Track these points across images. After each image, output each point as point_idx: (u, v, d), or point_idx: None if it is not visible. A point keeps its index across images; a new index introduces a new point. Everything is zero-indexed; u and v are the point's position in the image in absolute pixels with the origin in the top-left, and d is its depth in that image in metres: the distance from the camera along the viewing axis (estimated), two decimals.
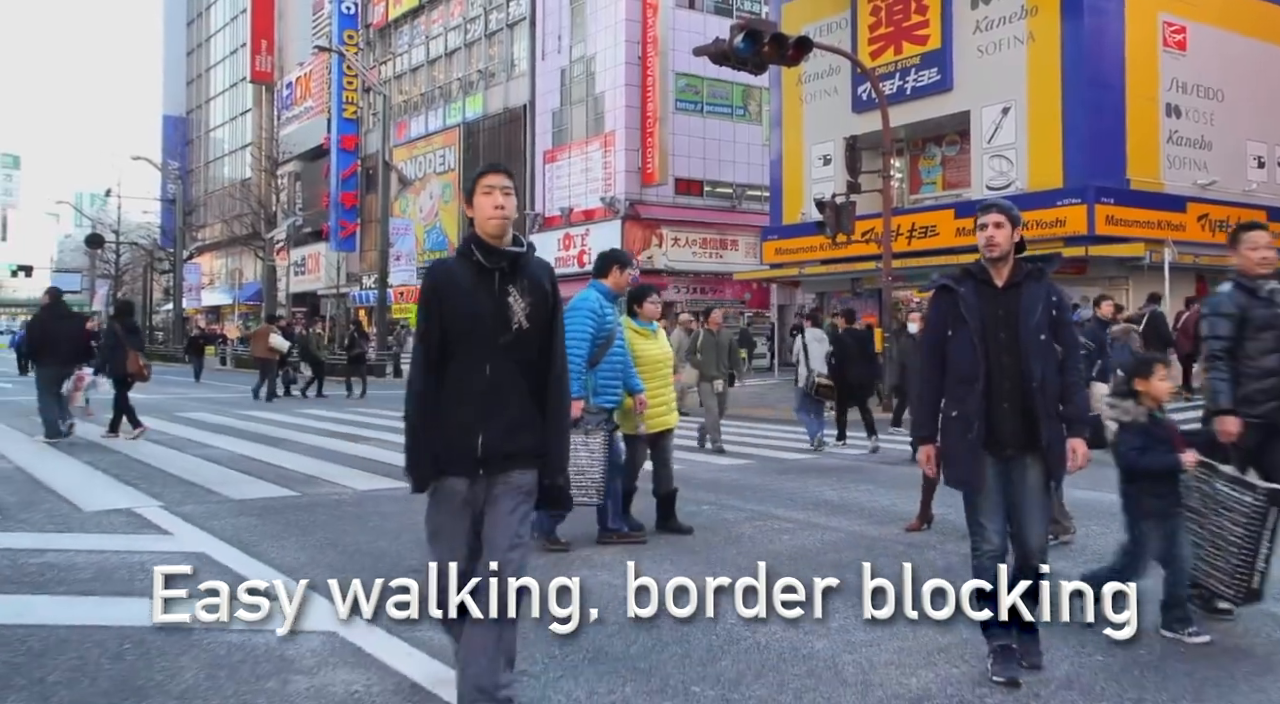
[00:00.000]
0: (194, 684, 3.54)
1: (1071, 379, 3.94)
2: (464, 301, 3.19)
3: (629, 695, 3.56)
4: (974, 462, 3.88)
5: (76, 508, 7.06)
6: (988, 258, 3.92)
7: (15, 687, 3.48)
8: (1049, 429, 3.83)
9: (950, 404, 3.96)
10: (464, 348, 3.20)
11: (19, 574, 5.11)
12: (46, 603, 4.58)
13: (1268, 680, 3.85)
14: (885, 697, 3.58)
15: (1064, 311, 3.99)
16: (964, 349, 3.88)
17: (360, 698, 3.49)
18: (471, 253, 3.21)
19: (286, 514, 6.99)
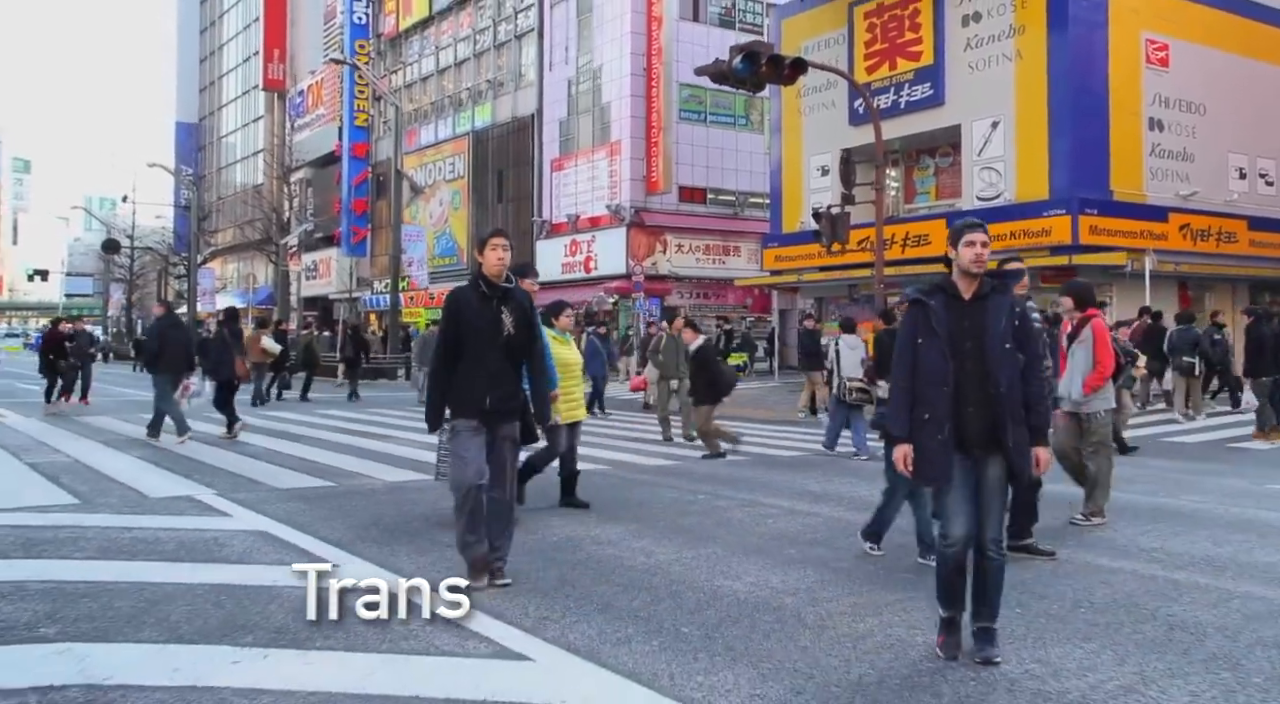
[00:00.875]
0: (284, 623, 4.42)
1: (1035, 389, 4.20)
2: (473, 317, 5.15)
3: (631, 635, 4.41)
4: (945, 460, 4.15)
5: (144, 495, 7.96)
6: (973, 273, 4.15)
7: (147, 624, 4.37)
8: (1013, 432, 4.10)
9: (922, 408, 4.20)
10: (473, 345, 5.13)
11: (114, 546, 6.00)
12: (145, 567, 5.46)
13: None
14: (836, 636, 4.43)
15: (1026, 323, 4.29)
16: (934, 357, 4.15)
17: (415, 633, 4.35)
18: (479, 285, 5.20)
19: (328, 500, 7.87)
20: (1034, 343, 4.33)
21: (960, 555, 4.18)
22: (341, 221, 45.95)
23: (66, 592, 4.88)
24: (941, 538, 4.26)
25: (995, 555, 4.18)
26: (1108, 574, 5.66)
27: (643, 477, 9.64)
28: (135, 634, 4.25)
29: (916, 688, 3.81)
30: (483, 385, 5.11)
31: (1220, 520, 7.30)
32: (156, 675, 3.75)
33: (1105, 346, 7.11)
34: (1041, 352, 4.59)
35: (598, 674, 3.91)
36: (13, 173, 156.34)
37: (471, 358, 5.13)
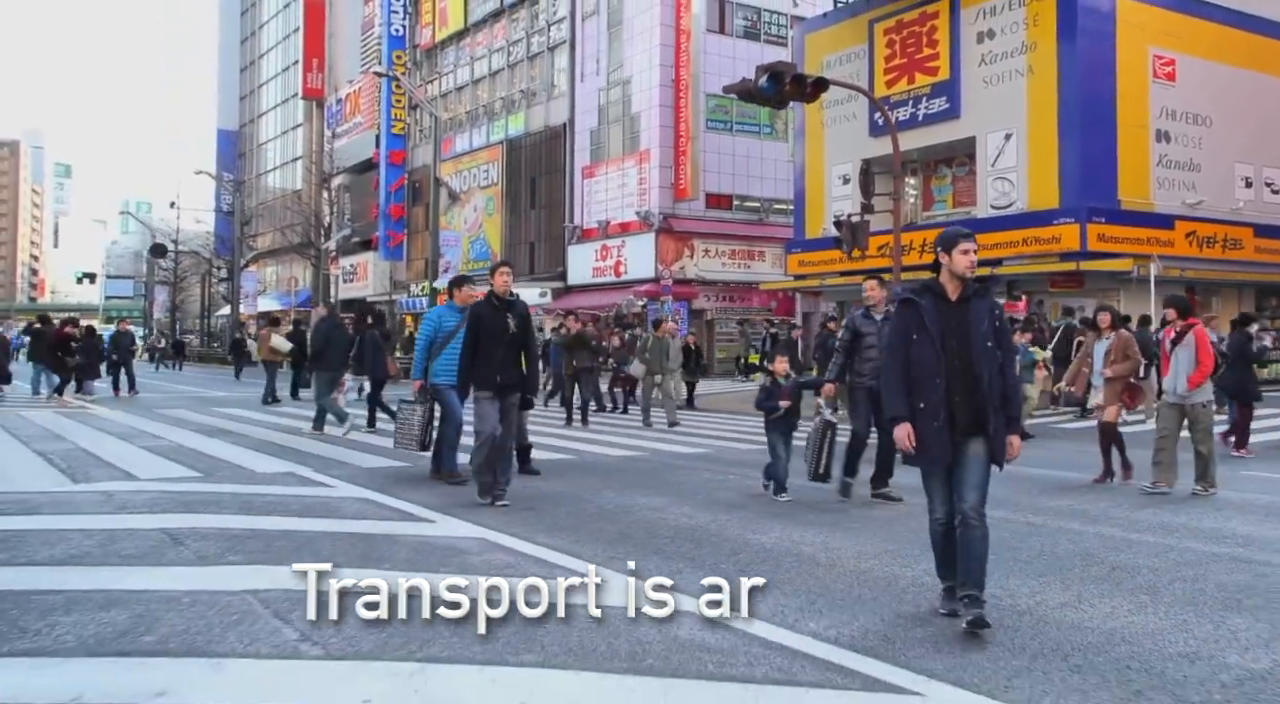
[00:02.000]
0: (407, 557, 5.68)
1: (1010, 381, 4.66)
2: (488, 322, 7.59)
3: (680, 568, 5.60)
4: (942, 445, 4.56)
5: (253, 471, 9.28)
6: (967, 277, 4.61)
7: (309, 556, 5.66)
8: (994, 419, 4.54)
9: (917, 397, 4.61)
10: (489, 342, 7.54)
11: (252, 506, 7.29)
12: (283, 520, 6.74)
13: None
14: (842, 571, 5.62)
15: (1004, 323, 4.74)
16: (927, 352, 4.57)
17: (502, 564, 5.59)
18: (492, 300, 7.75)
19: (407, 476, 9.14)
20: (1009, 341, 4.83)
21: (946, 528, 4.69)
22: (379, 226, 47.51)
23: (233, 535, 6.18)
24: (931, 516, 4.77)
25: (977, 523, 4.57)
26: (1074, 534, 6.82)
27: (681, 462, 10.86)
28: (306, 559, 5.53)
29: (902, 602, 4.99)
30: (495, 368, 7.56)
31: (1183, 497, 8.43)
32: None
33: (1206, 349, 8.49)
34: (1015, 349, 5.17)
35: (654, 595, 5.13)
36: (54, 177, 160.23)
37: (487, 350, 7.55)
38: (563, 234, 37.40)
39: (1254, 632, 4.50)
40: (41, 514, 6.86)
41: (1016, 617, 4.72)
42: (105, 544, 5.86)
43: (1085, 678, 3.84)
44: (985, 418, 4.52)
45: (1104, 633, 4.45)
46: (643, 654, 4.04)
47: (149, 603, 4.59)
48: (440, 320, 8.84)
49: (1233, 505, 8.10)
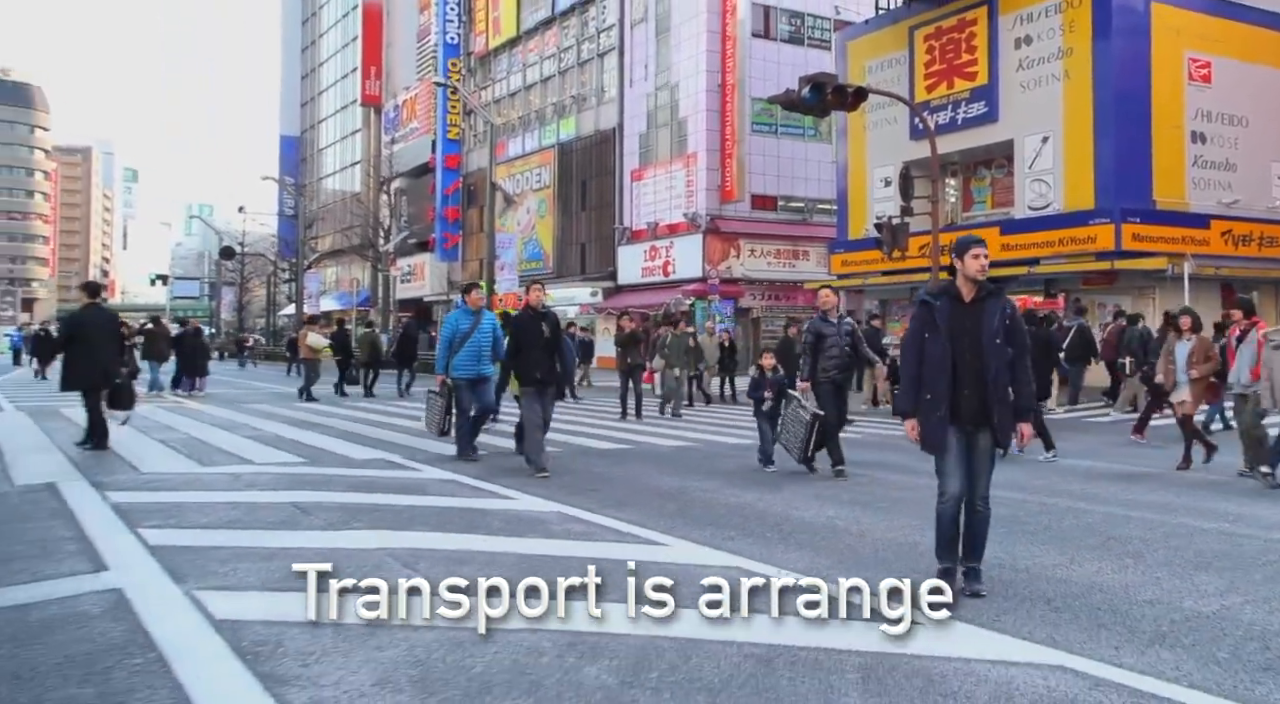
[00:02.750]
0: (501, 526, 6.74)
1: (1020, 375, 5.02)
2: (529, 330, 9.22)
3: (733, 535, 6.58)
4: (942, 433, 4.99)
5: (351, 458, 10.46)
6: (978, 280, 5.01)
7: (421, 525, 6.76)
8: (999, 411, 4.94)
9: (926, 389, 5.05)
10: (529, 346, 9.18)
11: (357, 487, 8.43)
12: (388, 498, 7.85)
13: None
14: (869, 540, 6.56)
15: (1017, 321, 5.05)
16: (936, 349, 4.99)
17: (538, 515, 6.63)
18: (531, 310, 9.40)
19: (487, 462, 10.24)
20: (1022, 338, 5.11)
21: (954, 510, 5.06)
22: (435, 228, 49.05)
23: (350, 508, 7.31)
24: (939, 495, 5.12)
25: (983, 509, 5.09)
26: (1081, 513, 7.70)
27: (729, 451, 11.86)
28: (419, 527, 6.65)
29: (918, 562, 5.92)
30: (534, 367, 9.18)
31: (1188, 480, 9.25)
32: (441, 543, 6.13)
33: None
34: (1028, 346, 5.28)
35: (715, 555, 6.13)
36: (123, 182, 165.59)
37: (527, 352, 9.21)
38: (613, 235, 38.50)
39: (1213, 585, 5.39)
40: (187, 490, 8.08)
41: (1014, 573, 5.64)
42: (248, 514, 7.03)
43: (1060, 615, 4.78)
44: (991, 410, 4.93)
45: (1086, 585, 5.37)
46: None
47: (299, 557, 5.70)
48: (457, 323, 10.15)
49: (1233, 488, 8.92)
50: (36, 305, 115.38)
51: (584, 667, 3.86)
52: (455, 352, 10.03)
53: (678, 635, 4.08)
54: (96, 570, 5.35)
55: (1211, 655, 4.15)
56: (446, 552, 5.86)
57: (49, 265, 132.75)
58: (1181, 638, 4.41)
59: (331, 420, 14.84)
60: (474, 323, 10.06)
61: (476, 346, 10.03)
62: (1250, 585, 5.37)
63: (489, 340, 10.12)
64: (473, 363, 10.04)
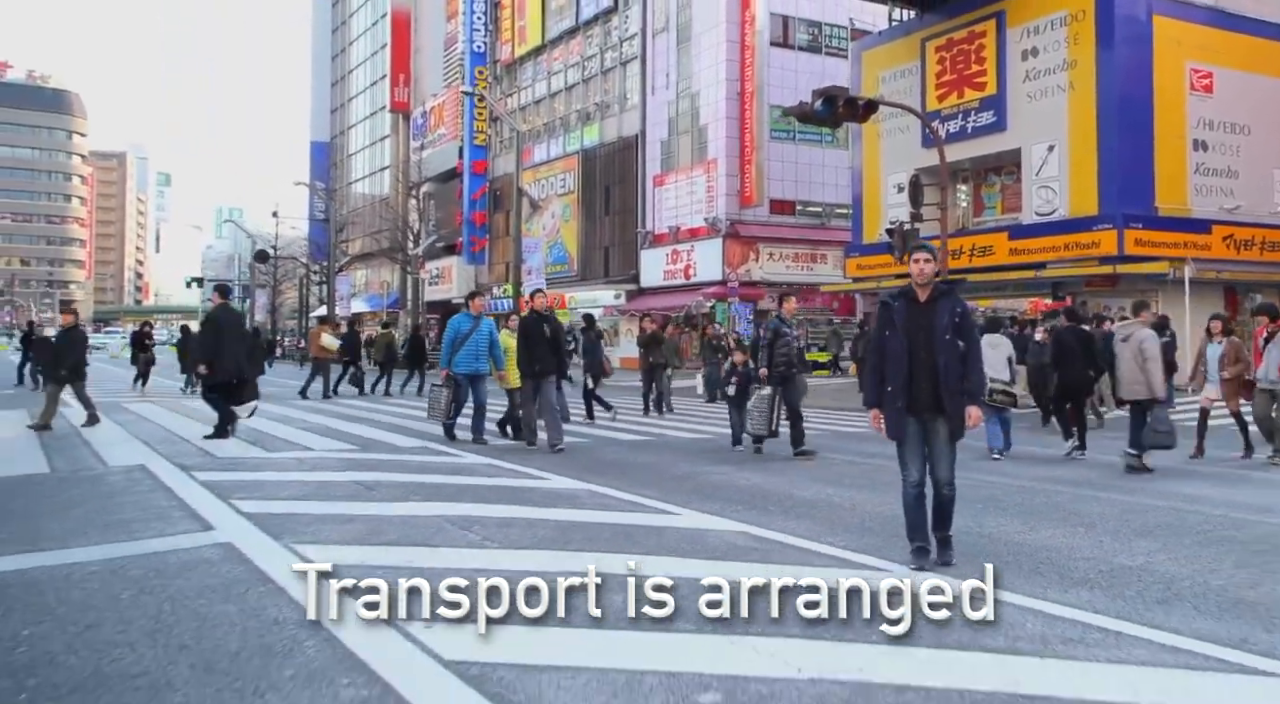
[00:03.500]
0: (540, 499, 7.79)
1: (971, 366, 5.50)
2: (534, 332, 11.18)
3: (740, 510, 7.58)
4: (902, 422, 5.49)
5: (397, 445, 11.57)
6: (917, 283, 5.51)
7: (470, 497, 7.82)
8: (951, 400, 5.40)
9: (886, 382, 5.55)
10: (533, 344, 11.13)
11: (408, 469, 9.50)
12: (436, 478, 8.91)
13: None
14: (859, 513, 7.54)
15: (966, 318, 5.53)
16: (894, 345, 5.50)
17: (571, 492, 7.65)
18: (535, 315, 11.48)
19: (513, 449, 11.31)
20: (971, 333, 5.58)
21: (915, 494, 5.55)
22: (462, 232, 50.32)
23: (406, 485, 8.38)
24: (903, 483, 5.62)
25: (947, 492, 5.58)
26: (1052, 493, 8.64)
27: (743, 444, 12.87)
28: (468, 500, 7.71)
29: (899, 532, 6.89)
30: (535, 361, 11.01)
31: (1174, 470, 10.17)
32: (488, 512, 7.18)
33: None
34: (978, 339, 5.82)
35: (721, 522, 7.14)
36: (156, 186, 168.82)
37: (533, 349, 11.06)
38: (635, 239, 39.56)
39: (1147, 547, 6.34)
40: (261, 471, 9.19)
41: (978, 538, 6.60)
42: (319, 489, 8.12)
43: (1007, 565, 5.72)
44: (942, 398, 5.41)
45: (1036, 547, 6.33)
46: (731, 550, 6.09)
47: (372, 522, 6.77)
48: (458, 326, 11.68)
49: (1196, 474, 9.84)
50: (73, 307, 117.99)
51: None
52: (457, 350, 11.53)
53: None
54: (206, 529, 6.44)
55: (1120, 593, 5.12)
56: (494, 518, 6.91)
57: (85, 268, 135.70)
58: (1100, 581, 5.38)
59: (375, 415, 15.95)
60: (474, 326, 11.61)
61: (475, 346, 11.56)
62: (1179, 547, 6.32)
63: (486, 342, 11.70)
64: (471, 361, 11.60)
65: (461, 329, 11.60)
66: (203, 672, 3.74)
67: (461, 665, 3.76)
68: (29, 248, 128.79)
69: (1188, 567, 5.73)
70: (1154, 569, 5.69)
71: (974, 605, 4.48)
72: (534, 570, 5.33)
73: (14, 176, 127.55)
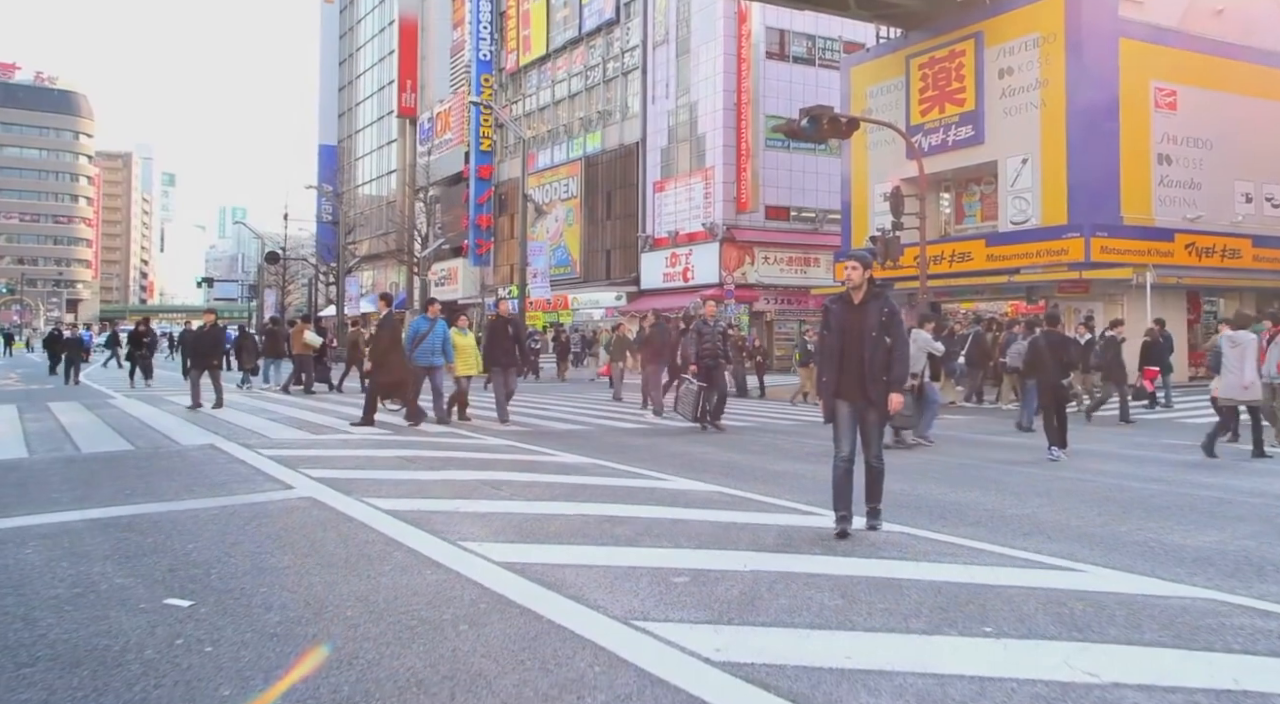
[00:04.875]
0: (554, 468, 9.38)
1: (896, 358, 6.16)
2: (499, 330, 14.52)
3: (722, 479, 9.17)
4: (832, 406, 6.30)
5: (425, 431, 13.15)
6: (848, 288, 6.33)
7: (497, 468, 9.42)
8: (873, 387, 6.13)
9: (822, 373, 6.45)
10: (496, 342, 14.45)
11: (439, 447, 11.10)
12: (466, 454, 10.49)
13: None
14: (823, 482, 9.15)
15: (893, 317, 6.21)
16: (830, 342, 6.34)
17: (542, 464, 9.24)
18: (498, 317, 14.91)
19: (536, 435, 12.91)
20: (898, 330, 6.26)
21: (843, 468, 6.24)
22: (468, 235, 51.93)
23: (441, 460, 9.97)
24: (835, 455, 6.30)
25: (877, 464, 6.38)
26: (985, 466, 10.22)
27: (730, 431, 14.48)
28: (496, 470, 9.29)
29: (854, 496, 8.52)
30: (500, 355, 14.04)
31: (1133, 456, 11.75)
32: (514, 478, 8.77)
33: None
34: (904, 336, 6.46)
35: (703, 485, 8.70)
36: (161, 186, 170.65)
37: (497, 345, 14.01)
38: (636, 243, 41.15)
39: (1037, 503, 7.87)
40: (315, 449, 10.79)
41: (909, 497, 8.19)
42: (369, 463, 9.71)
43: (922, 512, 7.31)
44: (869, 386, 6.14)
45: (955, 504, 7.89)
46: (718, 502, 7.68)
47: (420, 484, 8.35)
48: (418, 327, 13.97)
49: (1116, 455, 11.43)
50: (80, 306, 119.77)
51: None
52: (417, 346, 13.71)
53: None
54: (288, 488, 8.03)
55: (997, 529, 6.67)
56: (519, 482, 8.51)
57: (92, 268, 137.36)
58: (987, 522, 6.96)
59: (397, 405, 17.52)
60: (430, 327, 13.90)
61: (431, 344, 13.81)
62: (1063, 504, 7.84)
63: (440, 340, 13.92)
64: (429, 355, 13.84)
65: (420, 329, 13.90)
66: (326, 568, 5.33)
67: (508, 565, 5.35)
68: (36, 247, 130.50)
69: (1060, 516, 7.30)
70: (1033, 516, 7.25)
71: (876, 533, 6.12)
72: (555, 513, 6.97)
73: (22, 177, 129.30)
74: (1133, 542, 6.27)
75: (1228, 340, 11.44)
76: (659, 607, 4.55)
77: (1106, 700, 3.41)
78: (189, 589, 4.85)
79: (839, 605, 4.59)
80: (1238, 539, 6.38)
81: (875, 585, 4.97)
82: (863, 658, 3.83)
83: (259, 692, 3.47)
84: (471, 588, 4.87)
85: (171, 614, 4.42)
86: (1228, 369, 11.39)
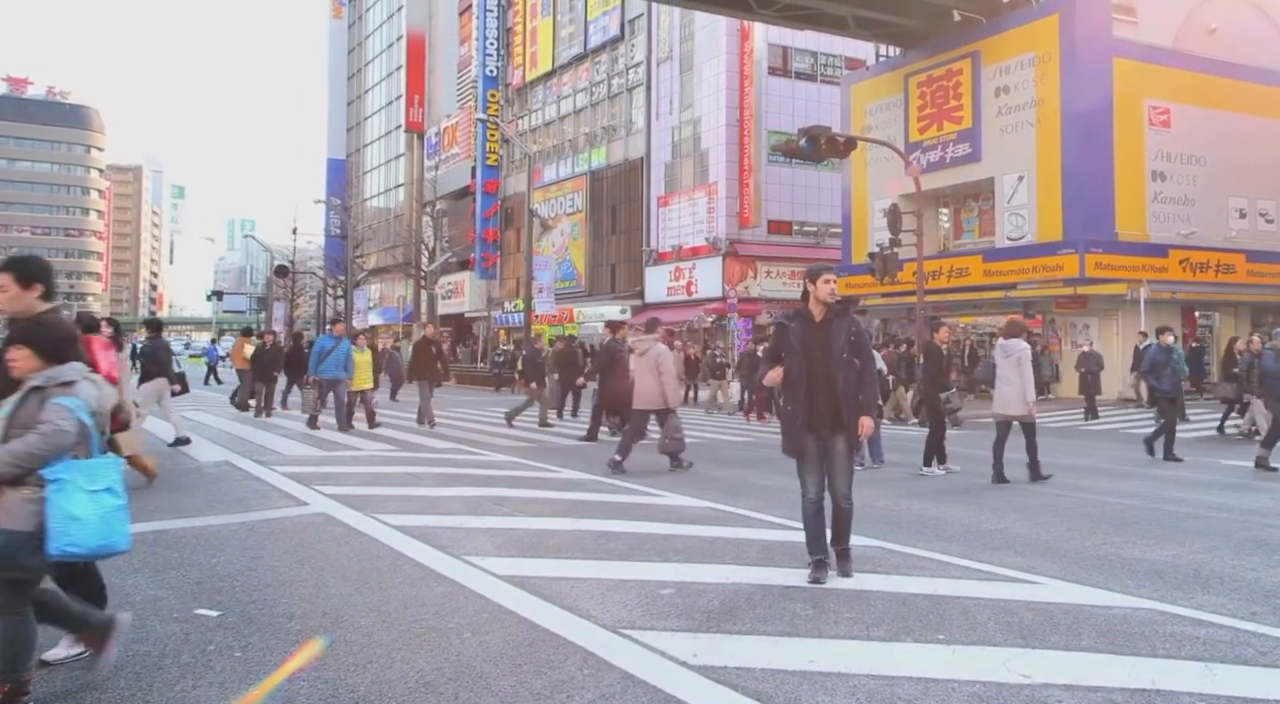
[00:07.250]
0: (558, 484, 9.83)
1: (867, 380, 5.62)
2: (424, 349, 17.74)
3: (720, 496, 9.62)
4: (801, 439, 5.57)
5: (434, 447, 13.60)
6: (828, 303, 5.55)
7: (500, 484, 9.88)
8: (847, 413, 5.49)
9: (785, 400, 5.65)
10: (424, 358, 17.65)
11: (446, 464, 11.56)
12: (470, 470, 10.95)
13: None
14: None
15: (861, 337, 5.62)
16: (794, 365, 5.56)
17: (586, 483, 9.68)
18: (426, 340, 18.20)
19: (539, 451, 13.36)
20: (866, 351, 5.68)
21: (813, 509, 5.69)
22: (475, 249, 52.52)
23: (445, 475, 10.43)
24: (803, 497, 5.74)
25: (845, 504, 5.74)
26: (960, 477, 10.66)
27: (723, 447, 14.91)
28: (499, 486, 9.75)
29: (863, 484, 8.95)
30: (426, 371, 17.17)
31: (1107, 470, 12.16)
32: (517, 494, 9.22)
33: None
34: (872, 356, 5.93)
35: (696, 501, 9.13)
36: (170, 198, 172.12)
37: (424, 363, 17.27)
38: (640, 257, 41.65)
39: (1012, 518, 8.30)
40: (327, 466, 11.26)
41: (890, 513, 8.61)
42: (379, 479, 10.17)
43: (901, 531, 7.75)
44: (841, 413, 5.52)
45: (934, 517, 8.32)
46: (708, 518, 8.13)
47: (428, 500, 8.79)
48: (323, 345, 15.93)
49: (1099, 470, 11.83)
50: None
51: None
52: (322, 361, 15.57)
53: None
54: (302, 505, 8.50)
55: (970, 543, 7.10)
56: (521, 498, 8.96)
57: (102, 280, 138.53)
58: (960, 537, 7.38)
59: (401, 421, 18.02)
60: (335, 344, 15.80)
61: (336, 360, 15.61)
62: (1036, 519, 8.27)
63: (344, 357, 15.75)
64: (334, 369, 15.60)
65: (325, 347, 15.86)
66: (342, 580, 5.79)
67: (509, 577, 5.80)
68: (48, 260, 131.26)
69: (1032, 530, 7.72)
70: (1005, 531, 7.68)
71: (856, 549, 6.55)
72: (555, 529, 7.42)
73: (34, 191, 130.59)
74: (1094, 555, 6.69)
75: (1001, 351, 10.65)
76: (645, 616, 4.99)
77: (1035, 698, 3.84)
78: (216, 600, 5.30)
79: (809, 615, 5.03)
80: (1193, 553, 6.80)
81: (845, 597, 5.40)
82: (825, 662, 4.26)
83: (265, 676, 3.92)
84: (475, 599, 5.32)
85: (202, 623, 4.87)
86: (1004, 380, 10.48)
